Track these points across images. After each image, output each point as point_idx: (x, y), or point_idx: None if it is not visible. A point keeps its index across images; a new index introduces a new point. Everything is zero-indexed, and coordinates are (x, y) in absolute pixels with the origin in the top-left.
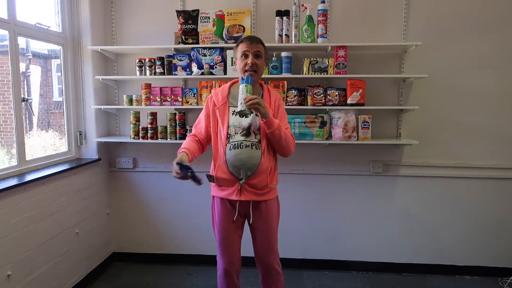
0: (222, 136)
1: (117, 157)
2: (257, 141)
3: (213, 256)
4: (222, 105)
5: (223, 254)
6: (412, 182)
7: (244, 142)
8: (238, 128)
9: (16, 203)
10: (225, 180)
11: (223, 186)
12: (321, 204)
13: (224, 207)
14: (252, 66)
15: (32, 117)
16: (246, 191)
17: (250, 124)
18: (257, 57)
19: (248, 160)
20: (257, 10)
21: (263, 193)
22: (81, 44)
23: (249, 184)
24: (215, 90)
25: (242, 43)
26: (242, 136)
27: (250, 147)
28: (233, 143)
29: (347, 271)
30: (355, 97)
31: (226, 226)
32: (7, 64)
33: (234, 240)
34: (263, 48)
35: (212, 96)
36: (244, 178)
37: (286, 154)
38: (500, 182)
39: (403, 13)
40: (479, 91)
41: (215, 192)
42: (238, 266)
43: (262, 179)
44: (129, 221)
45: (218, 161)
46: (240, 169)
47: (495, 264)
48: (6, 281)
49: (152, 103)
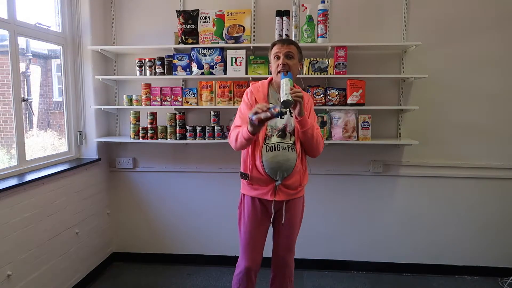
0: (260, 136)
1: (117, 157)
2: (292, 143)
3: (213, 256)
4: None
5: (247, 253)
6: (412, 182)
7: (281, 144)
8: (274, 130)
9: (16, 203)
10: (260, 180)
11: (256, 185)
12: (321, 204)
13: (254, 206)
14: (284, 66)
15: (32, 117)
16: (281, 191)
17: (285, 126)
18: (289, 57)
19: (285, 162)
20: (257, 10)
21: (296, 192)
22: (81, 44)
23: (284, 185)
24: (255, 85)
25: (274, 46)
26: (278, 138)
27: (286, 149)
28: (269, 145)
29: (347, 271)
30: (355, 97)
31: (254, 224)
32: (7, 64)
33: (260, 239)
34: (295, 49)
35: (253, 92)
36: (280, 179)
37: (315, 154)
38: (500, 182)
39: (403, 13)
40: (479, 91)
41: (247, 190)
42: (259, 265)
43: (296, 180)
44: (129, 221)
45: (255, 160)
46: (277, 171)
47: (495, 264)
48: (6, 281)
49: (152, 103)
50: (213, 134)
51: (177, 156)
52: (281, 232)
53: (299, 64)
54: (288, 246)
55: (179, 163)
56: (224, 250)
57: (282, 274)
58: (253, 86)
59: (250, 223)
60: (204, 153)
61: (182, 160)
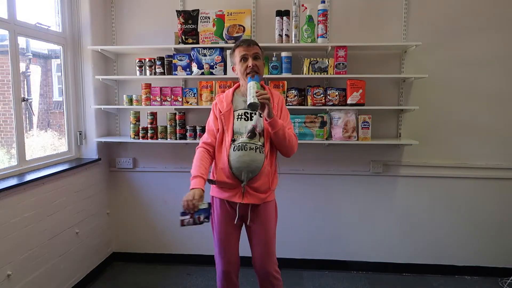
0: (227, 141)
1: (117, 157)
2: (261, 144)
3: (213, 256)
4: (227, 112)
5: (221, 255)
6: (412, 182)
7: (248, 144)
8: (243, 134)
9: (16, 203)
10: (227, 184)
11: (225, 188)
12: (321, 204)
13: (223, 208)
14: (253, 67)
15: (32, 117)
16: (249, 194)
17: (254, 126)
18: (256, 58)
19: (251, 162)
20: (257, 10)
21: (266, 196)
22: (81, 44)
23: (252, 188)
24: (219, 96)
25: (239, 48)
26: (248, 138)
27: (254, 150)
28: (237, 145)
29: (347, 271)
30: (355, 97)
31: (225, 227)
32: (7, 64)
33: (232, 241)
34: (259, 50)
35: (217, 105)
36: (246, 180)
37: (289, 154)
38: (500, 182)
39: (403, 13)
40: (479, 91)
41: (216, 193)
42: (237, 266)
43: (264, 182)
44: (129, 221)
45: (221, 164)
46: (242, 171)
47: (495, 264)
48: (6, 281)
49: (152, 103)
50: None
51: (177, 156)
52: (254, 238)
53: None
54: (266, 251)
55: (179, 163)
56: None
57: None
58: (218, 97)
59: (220, 226)
60: None
61: (182, 160)
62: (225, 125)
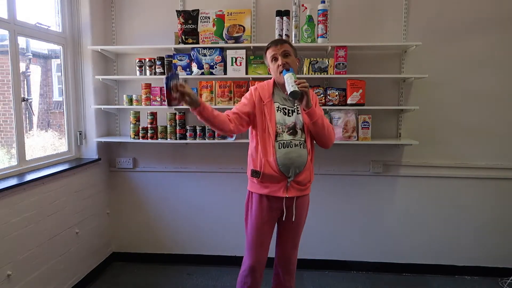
0: (271, 132)
1: (117, 157)
2: (303, 140)
3: (213, 256)
4: (268, 102)
5: (253, 251)
6: (412, 182)
7: (293, 141)
8: (284, 126)
9: (16, 203)
10: (272, 177)
11: (267, 183)
12: (321, 204)
13: (261, 203)
14: (284, 65)
15: (32, 117)
16: (292, 187)
17: (294, 123)
18: (286, 56)
19: (298, 158)
20: (257, 10)
21: (305, 188)
22: (81, 44)
23: (296, 181)
24: (260, 84)
25: (269, 49)
26: (290, 135)
27: (298, 146)
28: (281, 142)
29: (347, 271)
30: (355, 97)
31: (261, 223)
32: (7, 64)
33: (266, 237)
34: (290, 47)
35: (258, 90)
36: (293, 176)
37: (328, 144)
38: (500, 182)
39: (403, 13)
40: (479, 91)
41: (256, 188)
42: (264, 264)
43: (306, 176)
44: (129, 221)
45: (267, 157)
46: (290, 168)
47: (495, 264)
48: (6, 281)
49: (152, 103)
50: (213, 134)
51: (177, 156)
52: (289, 229)
53: (296, 59)
54: (295, 243)
55: (179, 163)
56: (224, 250)
57: (286, 271)
58: (259, 84)
59: (257, 221)
60: (204, 153)
61: (182, 160)
62: (268, 115)
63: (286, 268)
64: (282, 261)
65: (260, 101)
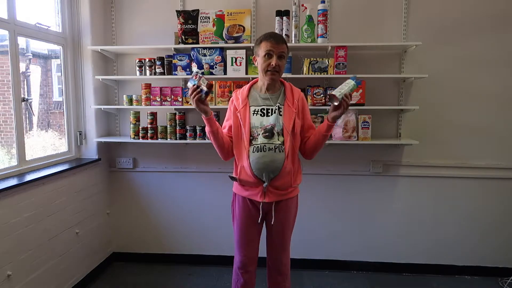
0: (245, 138)
1: (117, 157)
2: (280, 143)
3: (213, 256)
4: (242, 108)
5: (242, 249)
6: (412, 182)
7: (267, 145)
8: (259, 129)
9: (16, 203)
10: (249, 182)
11: (247, 186)
12: (321, 204)
13: (245, 205)
14: (275, 67)
15: (32, 117)
16: (270, 192)
17: (272, 125)
18: (281, 58)
19: (271, 163)
20: (257, 10)
21: (286, 192)
22: (81, 44)
23: (273, 186)
24: (235, 93)
25: (267, 42)
26: (265, 138)
27: (273, 150)
28: (255, 146)
29: (347, 271)
30: (355, 97)
31: (246, 223)
32: (7, 64)
33: (253, 236)
34: (286, 49)
35: (233, 101)
36: (267, 181)
37: (313, 156)
38: (500, 182)
39: (403, 13)
40: (479, 91)
41: (238, 190)
42: (254, 260)
43: (286, 181)
44: (129, 221)
45: (242, 163)
46: (263, 172)
47: (495, 264)
48: (6, 281)
49: (152, 103)
50: None
51: (177, 156)
52: (274, 233)
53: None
54: (282, 246)
55: (179, 163)
56: (224, 250)
57: (278, 272)
58: (235, 93)
59: (242, 221)
60: (204, 153)
61: (182, 160)
62: (241, 121)
63: (278, 270)
64: (273, 263)
65: (235, 110)
